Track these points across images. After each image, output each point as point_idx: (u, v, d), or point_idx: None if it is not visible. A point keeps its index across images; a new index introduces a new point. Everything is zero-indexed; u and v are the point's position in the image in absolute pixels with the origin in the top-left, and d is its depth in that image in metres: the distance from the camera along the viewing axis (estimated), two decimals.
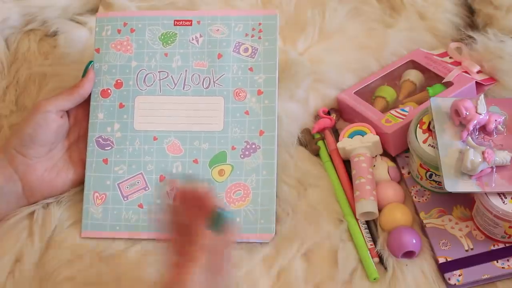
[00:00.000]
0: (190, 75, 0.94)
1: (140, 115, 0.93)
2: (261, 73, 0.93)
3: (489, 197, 0.83)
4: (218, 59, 0.94)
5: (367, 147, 0.93)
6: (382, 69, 1.01)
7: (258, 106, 0.93)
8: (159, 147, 0.92)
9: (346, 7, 1.04)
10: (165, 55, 0.94)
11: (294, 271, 0.86)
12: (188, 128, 0.92)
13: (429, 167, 0.88)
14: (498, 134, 0.87)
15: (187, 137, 0.92)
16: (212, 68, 0.94)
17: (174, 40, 0.95)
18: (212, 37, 0.95)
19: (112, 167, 0.91)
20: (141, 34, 0.95)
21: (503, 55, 0.96)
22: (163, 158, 0.91)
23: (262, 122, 0.92)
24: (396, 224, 0.88)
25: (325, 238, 0.89)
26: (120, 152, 0.92)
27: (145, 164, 0.91)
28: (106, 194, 0.90)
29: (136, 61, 0.94)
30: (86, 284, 0.85)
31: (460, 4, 1.05)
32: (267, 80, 0.93)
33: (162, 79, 0.94)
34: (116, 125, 0.93)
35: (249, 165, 0.91)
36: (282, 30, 1.02)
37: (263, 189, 0.90)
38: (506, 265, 0.84)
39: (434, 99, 0.89)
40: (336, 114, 0.99)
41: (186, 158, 0.92)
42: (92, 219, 0.90)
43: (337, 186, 0.93)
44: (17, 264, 0.88)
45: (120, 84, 0.94)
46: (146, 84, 0.94)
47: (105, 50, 0.95)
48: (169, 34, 0.95)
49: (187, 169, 0.91)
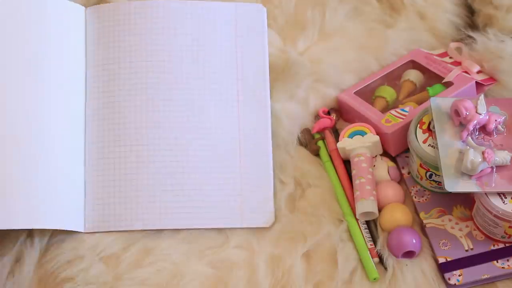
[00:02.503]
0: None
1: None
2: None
3: (489, 197, 0.83)
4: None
5: (367, 147, 0.93)
6: (382, 69, 1.01)
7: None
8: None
9: (346, 7, 1.04)
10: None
11: (294, 271, 0.86)
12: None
13: (429, 167, 0.88)
14: (498, 134, 0.87)
15: None
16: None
17: None
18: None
19: None
20: None
21: (503, 55, 0.96)
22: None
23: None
24: (396, 224, 0.88)
25: (325, 238, 0.89)
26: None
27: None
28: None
29: None
30: (86, 284, 0.85)
31: (460, 4, 1.05)
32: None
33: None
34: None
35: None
36: (282, 30, 1.02)
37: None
38: (506, 265, 0.84)
39: (434, 99, 0.89)
40: (336, 114, 0.99)
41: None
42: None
43: (337, 186, 0.93)
44: (17, 264, 0.88)
45: None
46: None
47: None
48: None
49: None
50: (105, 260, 0.87)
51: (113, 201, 0.90)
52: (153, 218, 0.89)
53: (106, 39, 0.95)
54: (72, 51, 0.94)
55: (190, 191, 0.90)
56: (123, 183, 0.90)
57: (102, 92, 0.93)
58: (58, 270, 0.86)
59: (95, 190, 0.91)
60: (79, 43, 0.95)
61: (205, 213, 0.90)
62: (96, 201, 0.90)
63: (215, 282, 0.86)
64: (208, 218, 0.90)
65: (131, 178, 0.90)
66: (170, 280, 0.86)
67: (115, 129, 0.92)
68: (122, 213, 0.89)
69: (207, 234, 0.90)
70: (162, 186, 0.90)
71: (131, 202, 0.90)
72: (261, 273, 0.86)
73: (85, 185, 0.91)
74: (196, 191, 0.90)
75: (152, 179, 0.90)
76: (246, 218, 0.90)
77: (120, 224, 0.89)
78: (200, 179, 0.91)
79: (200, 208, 0.90)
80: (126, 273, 0.86)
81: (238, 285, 0.85)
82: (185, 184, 0.90)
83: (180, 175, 0.90)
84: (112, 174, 0.91)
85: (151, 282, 0.86)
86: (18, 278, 0.86)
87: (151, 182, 0.90)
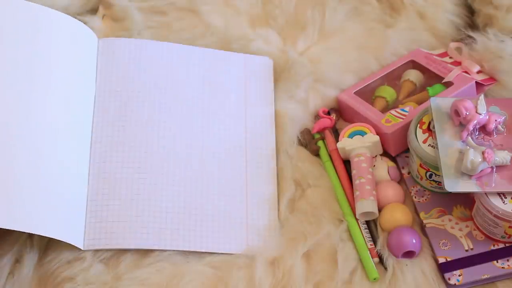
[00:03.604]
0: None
1: None
2: None
3: (489, 197, 0.83)
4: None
5: (367, 147, 0.93)
6: (382, 69, 1.01)
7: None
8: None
9: (346, 7, 1.04)
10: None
11: (294, 271, 0.86)
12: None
13: (429, 167, 0.88)
14: (498, 134, 0.87)
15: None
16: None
17: None
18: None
19: None
20: None
21: (503, 55, 0.96)
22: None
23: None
24: (396, 224, 0.88)
25: (325, 238, 0.89)
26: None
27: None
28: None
29: None
30: (85, 284, 0.85)
31: (460, 4, 1.05)
32: None
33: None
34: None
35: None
36: (282, 30, 1.02)
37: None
38: (506, 265, 0.84)
39: (434, 99, 0.89)
40: (336, 114, 0.99)
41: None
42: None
43: (337, 186, 0.93)
44: (16, 264, 0.87)
45: None
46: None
47: None
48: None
49: None
50: (105, 260, 0.87)
51: (113, 220, 0.88)
52: (152, 238, 0.87)
53: (115, 70, 0.96)
54: (82, 76, 0.94)
55: (194, 214, 0.89)
56: (123, 203, 0.89)
57: (108, 112, 0.93)
58: (58, 270, 0.86)
59: (96, 209, 0.89)
60: (91, 64, 0.95)
61: (207, 236, 0.88)
62: (96, 220, 0.88)
63: (215, 282, 0.86)
64: (208, 242, 0.88)
65: (132, 198, 0.89)
66: (170, 280, 0.86)
67: (119, 150, 0.91)
68: (120, 231, 0.87)
69: None
70: (164, 207, 0.89)
71: (130, 221, 0.88)
72: (261, 273, 0.86)
73: (87, 203, 0.89)
74: (199, 214, 0.89)
75: (154, 200, 0.89)
76: (247, 244, 0.89)
77: (118, 242, 0.87)
78: (203, 203, 0.90)
79: (203, 231, 0.89)
80: (126, 273, 0.86)
81: (238, 285, 0.85)
82: (188, 207, 0.89)
83: (183, 198, 0.90)
84: (112, 193, 0.89)
85: (151, 282, 0.85)
86: (18, 278, 0.86)
87: (153, 203, 0.89)
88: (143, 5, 1.05)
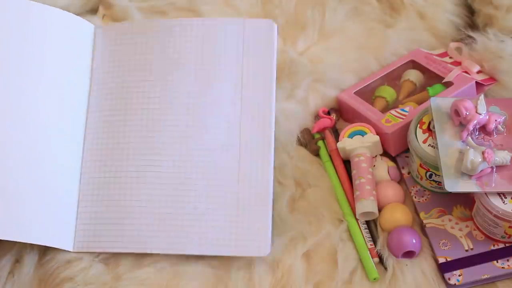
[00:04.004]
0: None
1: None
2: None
3: (489, 197, 0.83)
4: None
5: (367, 147, 0.93)
6: (382, 69, 1.01)
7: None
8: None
9: (346, 7, 1.04)
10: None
11: (294, 271, 0.86)
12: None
13: (429, 167, 0.88)
14: (498, 134, 0.87)
15: None
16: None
17: None
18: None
19: None
20: None
21: (503, 55, 0.96)
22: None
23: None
24: (396, 224, 0.88)
25: (325, 238, 0.89)
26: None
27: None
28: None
29: None
30: (85, 284, 0.85)
31: (460, 4, 1.05)
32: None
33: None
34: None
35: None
36: (282, 30, 1.02)
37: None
38: (506, 265, 0.84)
39: (434, 99, 0.89)
40: (336, 114, 0.99)
41: None
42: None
43: (337, 186, 0.93)
44: (16, 264, 0.88)
45: None
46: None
47: None
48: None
49: None
50: (104, 260, 0.87)
51: (103, 222, 0.88)
52: (143, 241, 0.86)
53: (112, 58, 0.95)
54: (77, 67, 0.93)
55: (184, 215, 0.88)
56: (114, 206, 0.88)
57: (102, 111, 0.92)
58: (58, 270, 0.86)
59: (87, 210, 0.89)
60: (85, 60, 0.95)
61: (198, 239, 0.86)
62: (87, 221, 0.88)
63: (214, 282, 0.86)
64: (200, 244, 0.86)
65: (125, 199, 0.88)
66: (170, 280, 0.86)
67: (110, 149, 0.91)
68: (112, 234, 0.87)
69: None
70: (155, 209, 0.88)
71: (122, 224, 0.87)
72: (261, 273, 0.86)
73: (78, 204, 0.89)
74: (190, 217, 0.88)
75: (145, 200, 0.88)
76: (240, 245, 0.86)
77: (108, 246, 0.87)
78: (195, 205, 0.88)
79: (193, 234, 0.87)
80: (125, 273, 0.86)
81: (238, 285, 0.85)
82: (179, 209, 0.88)
83: (175, 200, 0.88)
84: (104, 195, 0.89)
85: (151, 282, 0.85)
86: (18, 278, 0.86)
87: (144, 204, 0.88)
88: (143, 5, 1.05)
